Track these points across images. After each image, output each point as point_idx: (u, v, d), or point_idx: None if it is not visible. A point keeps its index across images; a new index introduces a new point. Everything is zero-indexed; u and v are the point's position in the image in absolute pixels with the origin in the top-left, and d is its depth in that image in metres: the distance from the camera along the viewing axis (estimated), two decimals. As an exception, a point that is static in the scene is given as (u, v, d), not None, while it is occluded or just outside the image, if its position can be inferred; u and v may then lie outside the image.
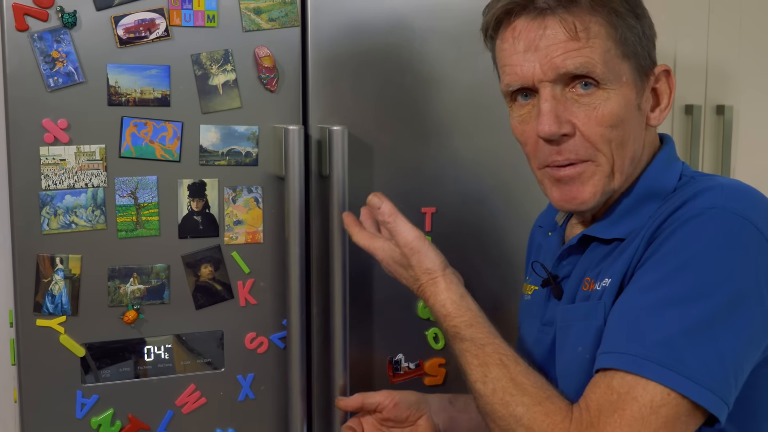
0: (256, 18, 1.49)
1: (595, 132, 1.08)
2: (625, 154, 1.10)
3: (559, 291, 1.20)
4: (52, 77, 1.38)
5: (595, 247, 1.17)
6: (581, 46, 1.06)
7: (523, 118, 1.13)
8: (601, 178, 1.10)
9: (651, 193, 1.14)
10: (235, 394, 1.54)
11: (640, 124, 1.13)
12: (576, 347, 1.10)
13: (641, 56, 1.11)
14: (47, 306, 1.41)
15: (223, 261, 1.51)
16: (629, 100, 1.09)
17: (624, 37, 1.09)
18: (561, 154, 1.09)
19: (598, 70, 1.06)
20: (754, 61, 2.20)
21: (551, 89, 1.08)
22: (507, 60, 1.12)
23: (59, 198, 1.40)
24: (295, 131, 1.48)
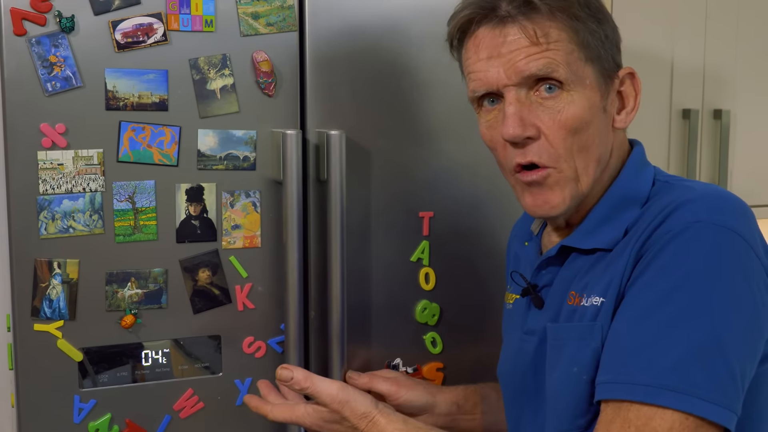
0: (253, 22, 1.49)
1: (558, 136, 1.09)
2: (589, 158, 1.11)
3: (539, 300, 1.20)
4: (49, 82, 1.38)
5: (575, 257, 1.17)
6: (543, 50, 1.07)
7: (490, 123, 1.15)
8: (567, 183, 1.11)
9: (625, 200, 1.14)
10: (233, 398, 1.54)
11: (605, 126, 1.13)
12: (571, 367, 1.09)
13: (604, 59, 1.12)
14: (45, 310, 1.41)
15: (220, 265, 1.51)
16: (594, 102, 1.10)
17: (586, 41, 1.09)
18: (525, 156, 1.10)
19: (561, 71, 1.08)
20: (751, 66, 2.21)
21: (516, 93, 1.09)
22: (471, 67, 1.14)
23: (57, 202, 1.40)
24: (292, 136, 1.48)
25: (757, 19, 2.20)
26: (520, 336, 1.24)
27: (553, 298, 1.19)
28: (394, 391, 1.44)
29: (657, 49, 2.09)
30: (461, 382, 1.68)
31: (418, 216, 1.63)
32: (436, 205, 1.64)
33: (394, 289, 1.63)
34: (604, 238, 1.13)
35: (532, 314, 1.23)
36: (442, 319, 1.67)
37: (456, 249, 1.66)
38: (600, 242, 1.13)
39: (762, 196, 2.25)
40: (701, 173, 2.17)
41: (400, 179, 1.62)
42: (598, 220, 1.15)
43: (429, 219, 1.64)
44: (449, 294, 1.67)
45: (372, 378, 1.49)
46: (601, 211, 1.15)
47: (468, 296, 1.68)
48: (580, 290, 1.13)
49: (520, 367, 1.23)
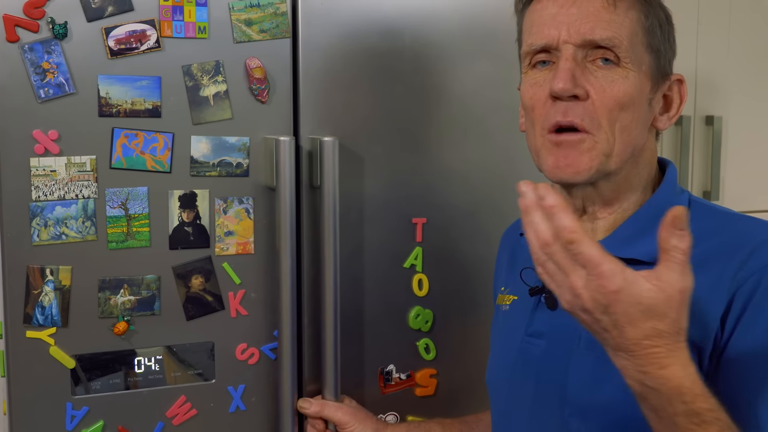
0: (247, 29, 1.49)
1: (606, 104, 1.07)
2: (626, 140, 1.09)
3: (553, 301, 1.16)
4: (42, 88, 1.38)
5: None
6: (612, 20, 1.07)
7: (537, 80, 1.12)
8: (599, 154, 1.08)
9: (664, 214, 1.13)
10: (226, 405, 1.54)
11: (646, 119, 1.12)
12: None
13: (663, 56, 1.12)
14: (37, 317, 1.41)
15: (214, 272, 1.51)
16: (644, 89, 1.10)
17: (652, 29, 1.10)
18: (566, 115, 1.08)
19: (624, 46, 1.07)
20: (743, 72, 2.22)
21: (573, 51, 1.08)
22: (536, 20, 1.11)
23: (50, 209, 1.40)
24: (286, 142, 1.48)
25: (749, 26, 2.21)
26: (522, 338, 1.20)
27: None
28: (345, 421, 1.49)
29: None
30: (455, 388, 1.69)
31: (412, 222, 1.64)
32: (429, 211, 1.64)
33: (387, 295, 1.63)
34: (644, 250, 1.09)
35: (540, 316, 1.19)
36: (435, 326, 1.67)
37: (449, 255, 1.66)
38: (640, 253, 1.09)
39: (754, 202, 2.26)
40: (693, 179, 2.17)
41: (394, 185, 1.62)
42: (637, 229, 1.12)
43: (422, 225, 1.64)
44: (442, 300, 1.67)
45: (323, 406, 1.51)
46: (641, 220, 1.13)
47: (461, 302, 1.68)
48: None
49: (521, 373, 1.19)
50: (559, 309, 1.15)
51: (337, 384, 1.55)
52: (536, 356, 1.17)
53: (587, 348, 1.11)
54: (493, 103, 1.66)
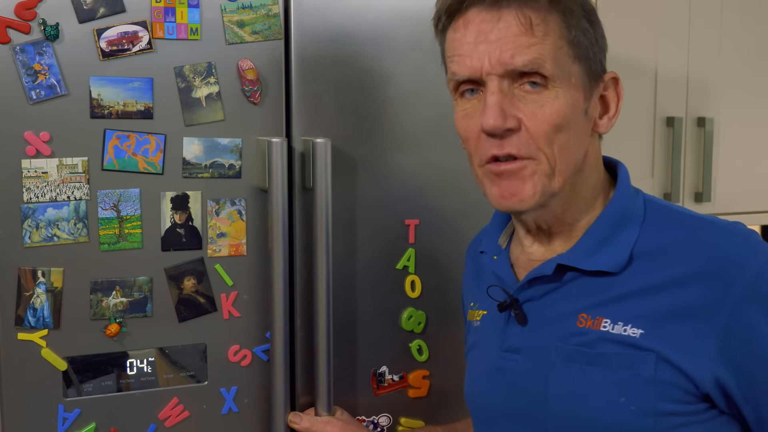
0: (239, 31, 1.49)
1: (540, 129, 1.05)
2: (567, 158, 1.08)
3: (523, 317, 1.15)
4: (34, 90, 1.38)
5: (574, 276, 1.12)
6: (532, 43, 1.04)
7: (468, 112, 1.10)
8: (541, 178, 1.07)
9: (624, 218, 1.12)
10: (219, 407, 1.54)
11: (585, 129, 1.10)
12: (616, 397, 1.05)
13: (592, 61, 1.09)
14: (29, 319, 1.40)
15: (206, 273, 1.51)
16: (577, 102, 1.07)
17: (577, 39, 1.07)
18: (503, 148, 1.06)
19: (548, 67, 1.04)
20: (735, 74, 2.22)
21: (498, 83, 1.05)
22: (457, 50, 1.09)
23: (41, 211, 1.39)
24: (278, 144, 1.48)
25: (740, 27, 2.22)
26: (498, 354, 1.18)
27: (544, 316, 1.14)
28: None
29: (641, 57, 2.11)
30: (447, 389, 1.69)
31: (404, 224, 1.64)
32: (421, 212, 1.65)
33: (380, 296, 1.63)
34: (608, 260, 1.09)
35: (511, 331, 1.17)
36: (428, 327, 1.67)
37: (442, 257, 1.67)
38: (604, 264, 1.09)
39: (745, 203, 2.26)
40: (685, 181, 2.18)
41: (386, 187, 1.62)
42: (597, 239, 1.11)
43: (415, 227, 1.64)
44: (435, 301, 1.67)
45: (314, 422, 1.52)
46: (600, 229, 1.12)
47: (454, 304, 1.68)
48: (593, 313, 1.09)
49: (503, 389, 1.17)
50: (530, 324, 1.14)
51: (329, 386, 1.54)
52: (515, 371, 1.15)
53: (566, 359, 1.10)
54: (485, 105, 1.66)
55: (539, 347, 1.13)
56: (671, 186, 2.14)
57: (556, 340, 1.11)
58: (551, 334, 1.12)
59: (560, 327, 1.11)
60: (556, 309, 1.13)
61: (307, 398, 1.58)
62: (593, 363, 1.07)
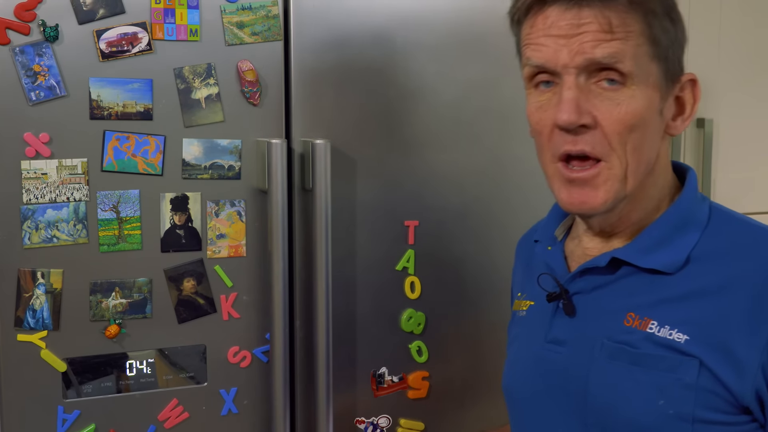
0: (238, 32, 1.49)
1: (614, 129, 1.03)
2: (640, 159, 1.06)
3: (571, 307, 1.13)
4: (33, 91, 1.38)
5: (628, 273, 1.11)
6: (613, 38, 1.02)
7: (542, 104, 1.08)
8: (614, 183, 1.05)
9: (687, 222, 1.11)
10: (218, 408, 1.54)
11: (658, 130, 1.09)
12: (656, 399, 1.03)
13: (671, 61, 1.08)
14: (28, 320, 1.40)
15: (205, 275, 1.51)
16: (653, 102, 1.06)
17: (657, 38, 1.05)
18: (576, 144, 1.04)
19: (627, 63, 1.02)
20: (733, 75, 2.23)
21: (575, 77, 1.03)
22: (535, 39, 1.06)
23: (41, 212, 1.39)
24: (278, 145, 1.48)
25: (739, 29, 2.22)
26: (542, 345, 1.16)
27: (593, 309, 1.12)
28: None
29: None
30: (447, 390, 1.69)
31: (404, 225, 1.64)
32: (421, 214, 1.65)
33: (379, 297, 1.63)
34: (664, 260, 1.07)
35: (558, 322, 1.15)
36: (427, 328, 1.67)
37: (441, 258, 1.67)
38: (659, 263, 1.07)
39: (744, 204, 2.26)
40: (684, 182, 2.18)
41: (385, 188, 1.62)
42: (657, 238, 1.09)
43: (414, 228, 1.64)
44: (435, 303, 1.67)
45: None
46: (661, 229, 1.10)
47: (453, 305, 1.69)
48: (642, 313, 1.07)
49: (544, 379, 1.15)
50: (578, 315, 1.13)
51: (329, 387, 1.54)
52: (557, 363, 1.14)
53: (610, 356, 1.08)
54: (483, 107, 1.66)
55: (584, 341, 1.12)
56: (670, 187, 2.14)
57: (602, 335, 1.09)
58: (597, 329, 1.10)
59: (607, 323, 1.10)
60: (604, 304, 1.11)
61: (306, 399, 1.58)
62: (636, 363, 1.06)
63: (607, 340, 1.08)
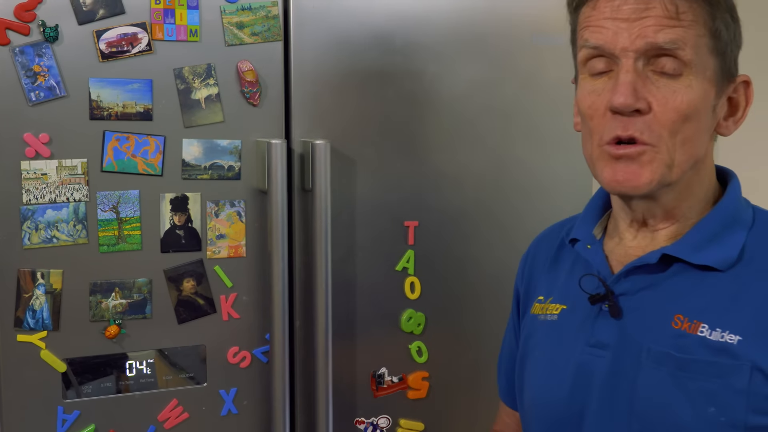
0: (238, 32, 1.49)
1: (668, 117, 1.02)
2: (688, 151, 1.05)
3: (617, 309, 1.09)
4: (33, 91, 1.38)
5: (679, 270, 1.08)
6: (677, 25, 1.01)
7: (596, 88, 1.06)
8: (660, 166, 1.03)
9: (734, 220, 1.10)
10: (218, 408, 1.54)
11: (709, 127, 1.08)
12: (706, 407, 1.00)
13: (729, 58, 1.08)
14: (28, 321, 1.40)
15: (205, 275, 1.51)
16: (708, 96, 1.05)
17: (718, 31, 1.04)
18: (627, 129, 1.03)
19: (688, 51, 1.01)
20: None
21: (634, 62, 1.02)
22: (594, 21, 1.05)
23: (40, 212, 1.39)
24: (277, 145, 1.48)
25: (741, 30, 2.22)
26: (582, 349, 1.11)
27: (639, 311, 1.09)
28: None
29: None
30: (446, 391, 1.68)
31: (403, 225, 1.64)
32: (421, 214, 1.65)
33: (379, 298, 1.63)
34: (717, 256, 1.05)
35: (601, 325, 1.11)
36: (427, 328, 1.67)
37: (441, 258, 1.66)
38: (712, 260, 1.05)
39: (745, 204, 2.26)
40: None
41: (385, 188, 1.62)
42: (707, 235, 1.07)
43: (414, 228, 1.64)
44: (434, 303, 1.67)
45: None
46: (710, 225, 1.08)
47: (453, 305, 1.68)
48: (692, 315, 1.04)
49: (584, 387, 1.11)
50: (624, 318, 1.09)
51: (328, 387, 1.54)
52: (601, 369, 1.09)
53: (657, 361, 1.05)
54: (483, 107, 1.66)
55: (630, 345, 1.08)
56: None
57: (648, 340, 1.06)
58: (644, 333, 1.07)
59: (654, 326, 1.07)
60: (651, 306, 1.08)
61: (306, 400, 1.58)
62: (684, 369, 1.03)
63: (654, 345, 1.05)
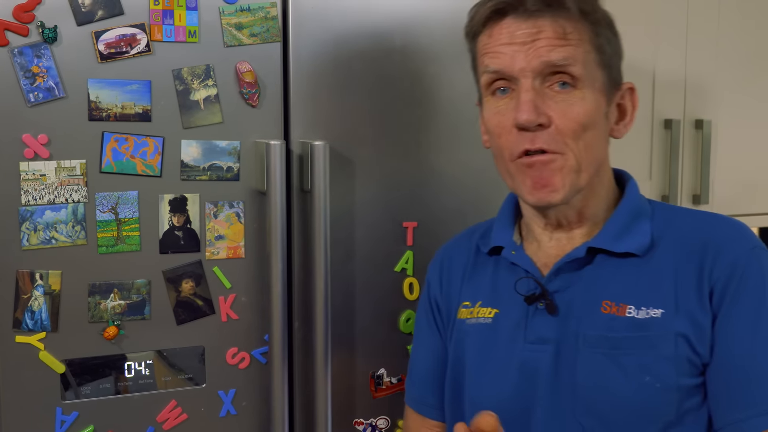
0: (237, 33, 1.49)
1: (569, 127, 1.13)
2: (592, 155, 1.16)
3: (553, 306, 1.20)
4: (32, 92, 1.38)
5: (602, 261, 1.20)
6: (566, 44, 1.12)
7: (500, 109, 1.17)
8: (569, 172, 1.15)
9: (639, 211, 1.22)
10: (217, 410, 1.54)
11: (605, 133, 1.19)
12: (641, 377, 1.12)
13: (614, 69, 1.19)
14: (27, 322, 1.40)
15: (204, 276, 1.51)
16: (600, 105, 1.16)
17: (602, 47, 1.16)
18: (534, 142, 1.13)
19: (578, 67, 1.13)
20: (732, 76, 2.23)
21: (531, 81, 1.13)
22: (492, 48, 1.16)
23: (39, 213, 1.39)
24: (276, 146, 1.48)
25: (738, 30, 2.22)
26: (524, 347, 1.20)
27: (572, 304, 1.19)
28: None
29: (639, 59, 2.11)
30: (445, 392, 1.68)
31: (402, 226, 1.64)
32: (419, 215, 1.65)
33: (378, 299, 1.63)
34: (634, 243, 1.19)
35: (539, 322, 1.20)
36: (426, 329, 1.67)
37: (440, 259, 1.66)
38: (632, 246, 1.18)
39: (743, 205, 2.26)
40: (683, 183, 2.18)
41: (384, 189, 1.62)
42: (621, 226, 1.20)
43: (413, 229, 1.64)
44: (433, 304, 1.67)
45: None
46: (621, 219, 1.21)
47: (452, 306, 1.68)
48: (618, 299, 1.17)
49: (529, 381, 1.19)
50: (560, 313, 1.19)
51: (327, 388, 1.54)
52: (544, 362, 1.19)
53: (592, 345, 1.16)
54: (483, 107, 1.66)
55: (568, 336, 1.18)
56: (669, 188, 2.14)
57: (584, 327, 1.17)
58: (578, 322, 1.18)
59: (587, 315, 1.18)
60: (582, 297, 1.19)
61: (305, 401, 1.58)
62: (617, 347, 1.14)
63: (588, 331, 1.17)
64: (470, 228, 1.41)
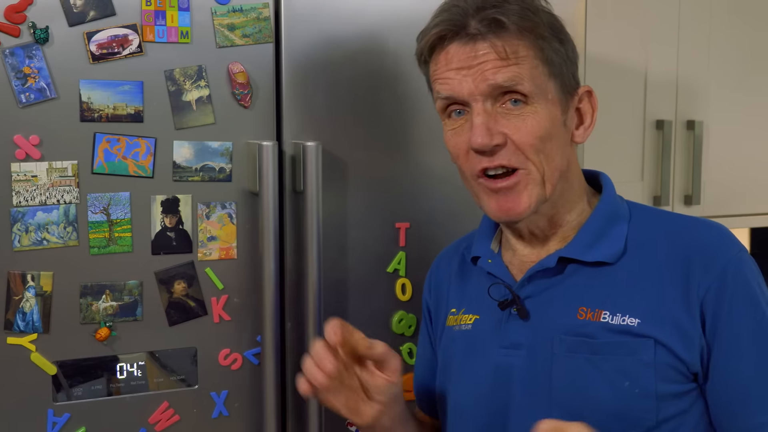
0: (229, 34, 1.49)
1: (525, 141, 1.13)
2: (553, 165, 1.16)
3: (525, 311, 1.20)
4: (23, 93, 1.37)
5: (575, 270, 1.19)
6: (511, 64, 1.13)
7: (456, 131, 1.18)
8: (534, 188, 1.15)
9: (614, 215, 1.22)
10: (209, 411, 1.53)
11: (565, 140, 1.19)
12: (621, 382, 1.13)
13: (566, 76, 1.18)
14: (18, 323, 1.40)
15: (196, 277, 1.50)
16: (555, 116, 1.16)
17: (549, 58, 1.15)
18: (493, 161, 1.14)
19: (526, 84, 1.13)
20: (723, 77, 2.23)
21: (482, 104, 1.13)
22: (441, 74, 1.17)
23: (31, 214, 1.39)
24: (269, 147, 1.48)
25: (729, 31, 2.23)
26: (497, 352, 1.21)
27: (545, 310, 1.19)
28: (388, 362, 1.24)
29: (631, 60, 2.11)
30: (438, 392, 1.68)
31: (395, 227, 1.64)
32: (412, 216, 1.65)
33: (370, 300, 1.64)
34: (606, 252, 1.18)
35: (512, 328, 1.21)
36: (418, 330, 1.67)
37: (432, 260, 1.66)
38: (603, 255, 1.18)
39: (734, 206, 2.27)
40: (675, 183, 2.18)
41: (377, 190, 1.62)
42: (594, 233, 1.20)
43: (405, 230, 1.64)
44: (426, 305, 1.67)
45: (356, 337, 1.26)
46: (595, 224, 1.21)
47: (444, 307, 1.69)
48: (594, 305, 1.16)
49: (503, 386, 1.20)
50: (532, 318, 1.20)
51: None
52: (518, 366, 1.19)
53: (571, 349, 1.16)
54: (475, 108, 1.66)
55: (541, 341, 1.18)
56: (661, 189, 2.15)
57: (558, 332, 1.17)
58: (553, 328, 1.18)
59: (561, 320, 1.18)
60: (556, 304, 1.19)
61: (297, 402, 1.58)
62: (597, 352, 1.14)
63: (565, 336, 1.17)
64: (465, 235, 1.41)
